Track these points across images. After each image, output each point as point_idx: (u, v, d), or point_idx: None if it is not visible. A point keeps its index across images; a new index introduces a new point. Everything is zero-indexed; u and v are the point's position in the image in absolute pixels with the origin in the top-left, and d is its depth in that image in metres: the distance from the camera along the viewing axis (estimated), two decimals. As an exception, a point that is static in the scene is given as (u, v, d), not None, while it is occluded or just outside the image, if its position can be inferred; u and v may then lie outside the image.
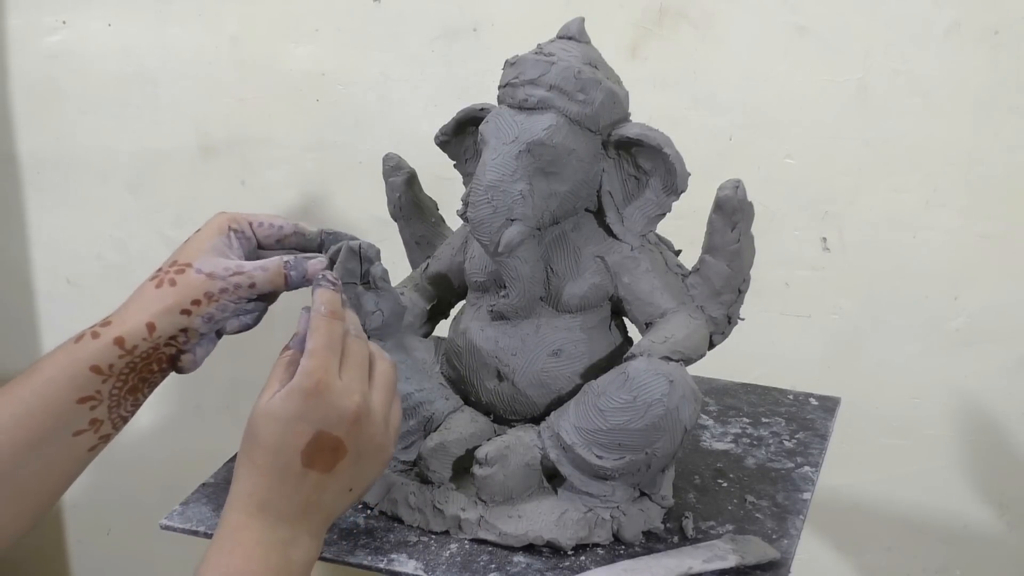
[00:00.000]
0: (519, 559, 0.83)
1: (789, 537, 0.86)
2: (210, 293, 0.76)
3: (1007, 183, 1.26)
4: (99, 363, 0.74)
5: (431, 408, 0.89)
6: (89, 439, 0.75)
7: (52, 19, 1.47)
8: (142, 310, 0.75)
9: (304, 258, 0.80)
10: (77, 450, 0.75)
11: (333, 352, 0.71)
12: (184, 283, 0.76)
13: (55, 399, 0.73)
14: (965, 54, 1.22)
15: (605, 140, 0.85)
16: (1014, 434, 1.35)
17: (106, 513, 1.72)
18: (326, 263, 0.81)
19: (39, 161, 1.55)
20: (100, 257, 1.57)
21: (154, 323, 0.75)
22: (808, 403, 1.10)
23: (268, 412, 0.69)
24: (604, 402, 0.80)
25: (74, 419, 0.74)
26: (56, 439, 0.73)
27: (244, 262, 0.78)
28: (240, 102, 1.45)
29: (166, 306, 0.75)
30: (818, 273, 1.34)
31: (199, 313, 0.76)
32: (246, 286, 0.77)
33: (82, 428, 0.74)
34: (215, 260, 0.77)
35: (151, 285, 0.76)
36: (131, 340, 0.74)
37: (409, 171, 0.97)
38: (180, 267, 0.76)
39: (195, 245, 0.78)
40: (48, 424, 0.73)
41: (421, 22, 1.36)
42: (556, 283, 0.87)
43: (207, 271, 0.76)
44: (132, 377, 0.76)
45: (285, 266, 0.79)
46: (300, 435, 0.69)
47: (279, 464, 0.69)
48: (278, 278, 0.78)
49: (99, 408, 0.75)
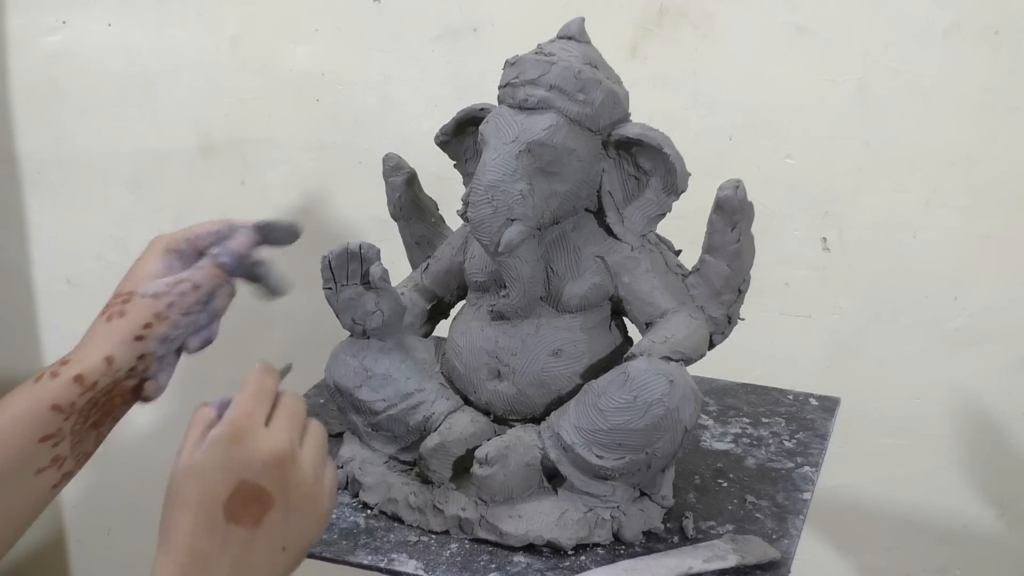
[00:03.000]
0: (519, 559, 0.83)
1: (789, 537, 0.86)
2: (159, 313, 0.76)
3: (1007, 183, 1.26)
4: (60, 401, 0.73)
5: (431, 408, 0.89)
6: (52, 476, 0.74)
7: (52, 19, 1.47)
8: (98, 345, 0.75)
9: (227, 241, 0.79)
10: (40, 488, 0.74)
11: (260, 401, 0.68)
12: (132, 311, 0.76)
13: (17, 439, 0.72)
14: (965, 54, 1.22)
15: (605, 140, 0.85)
16: (1014, 434, 1.35)
17: (106, 513, 1.72)
18: (249, 234, 0.79)
19: (39, 161, 1.54)
20: (100, 257, 1.57)
21: (112, 356, 0.75)
22: (808, 403, 1.10)
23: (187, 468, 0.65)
24: (604, 402, 0.80)
25: (36, 458, 0.73)
26: (19, 478, 0.73)
27: (182, 273, 0.78)
28: (240, 102, 1.45)
29: (120, 337, 0.75)
30: (818, 273, 1.34)
31: (153, 336, 0.76)
32: (191, 291, 0.77)
33: (44, 466, 0.74)
34: (157, 282, 0.77)
35: (102, 320, 0.76)
36: (91, 376, 0.74)
37: (409, 171, 0.97)
38: (125, 297, 0.76)
39: (136, 274, 0.78)
40: (10, 464, 0.72)
41: (421, 22, 1.36)
42: (556, 283, 0.87)
43: (151, 292, 0.76)
44: (94, 412, 0.75)
45: (214, 258, 0.78)
46: (221, 486, 0.65)
47: (202, 521, 0.65)
48: (216, 271, 0.78)
49: (61, 445, 0.74)
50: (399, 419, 0.89)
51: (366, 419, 0.90)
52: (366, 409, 0.89)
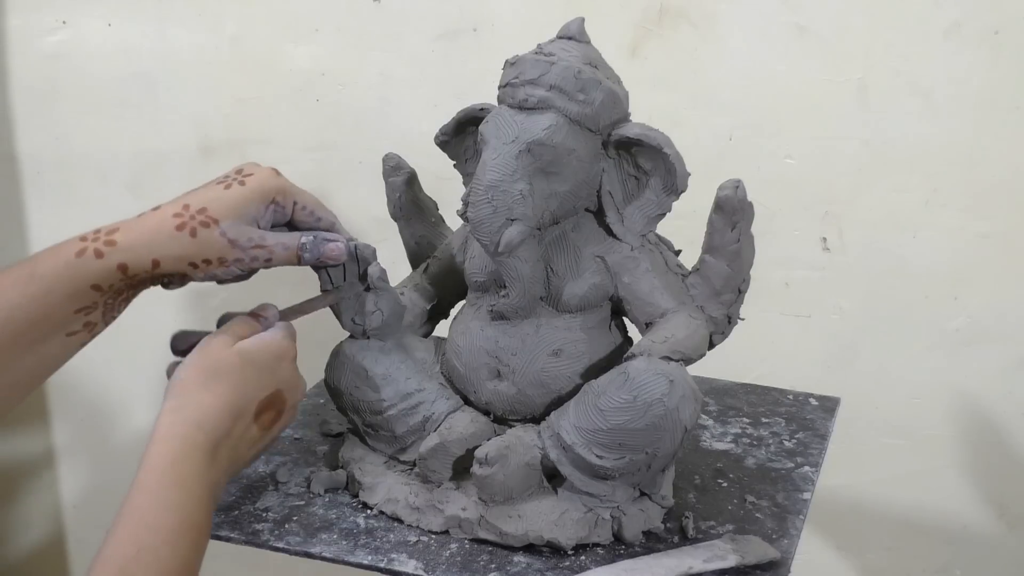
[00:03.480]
0: (519, 559, 0.83)
1: (789, 537, 0.86)
2: (223, 258, 0.76)
3: (1007, 183, 1.26)
4: (100, 283, 0.74)
5: (431, 408, 0.89)
6: (82, 337, 0.76)
7: (52, 19, 1.47)
8: (152, 244, 0.75)
9: (324, 239, 0.81)
10: (70, 346, 0.76)
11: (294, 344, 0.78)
12: (204, 239, 0.75)
13: (54, 308, 0.73)
14: (965, 54, 1.22)
15: (605, 140, 0.85)
16: (1014, 434, 1.35)
17: (106, 513, 1.72)
18: (342, 250, 0.82)
19: (39, 161, 1.54)
20: (100, 257, 1.57)
21: (160, 262, 0.75)
22: (808, 403, 1.10)
23: (246, 354, 0.73)
24: (604, 402, 0.80)
25: (70, 323, 0.75)
26: (51, 338, 0.74)
27: (267, 234, 0.78)
28: (240, 102, 1.45)
29: (178, 253, 0.75)
30: (818, 273, 1.34)
31: (205, 271, 0.77)
32: (263, 260, 0.78)
33: (76, 330, 0.75)
34: (242, 228, 0.77)
35: (170, 222, 0.75)
36: (133, 269, 0.74)
37: (409, 171, 0.97)
38: (206, 219, 0.76)
39: (232, 200, 0.77)
40: (45, 329, 0.74)
41: (421, 22, 1.36)
42: (556, 283, 0.87)
43: (231, 236, 0.76)
44: (128, 292, 0.77)
45: (300, 248, 0.80)
46: (265, 386, 0.73)
47: (239, 405, 0.71)
48: (293, 258, 0.80)
49: (94, 313, 0.75)
50: (399, 419, 0.89)
51: (366, 419, 0.90)
52: (366, 409, 0.89)
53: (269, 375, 0.74)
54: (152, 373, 1.58)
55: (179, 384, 0.71)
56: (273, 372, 0.75)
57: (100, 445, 1.69)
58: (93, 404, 1.63)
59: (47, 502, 1.74)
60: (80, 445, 1.71)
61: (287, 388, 0.76)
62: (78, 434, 1.70)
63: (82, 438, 1.70)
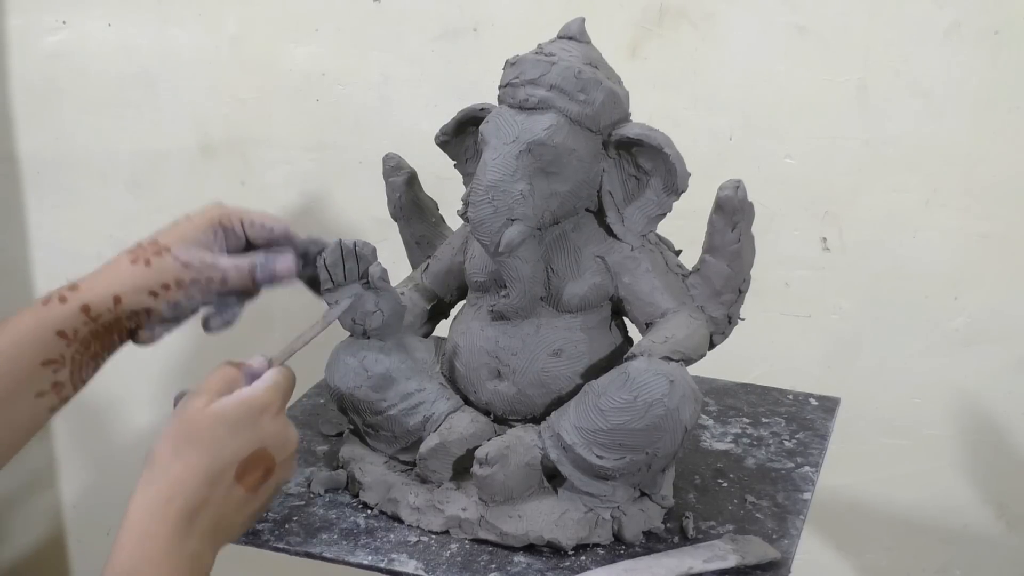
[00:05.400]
0: (519, 559, 0.83)
1: (789, 537, 0.86)
2: (180, 280, 0.77)
3: (1007, 183, 1.26)
4: (65, 328, 0.74)
5: (431, 408, 0.89)
6: (50, 400, 0.75)
7: (52, 19, 1.47)
8: (112, 282, 0.76)
9: (273, 256, 0.80)
10: (38, 410, 0.75)
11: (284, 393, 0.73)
12: (158, 265, 0.76)
13: (20, 361, 0.73)
14: (965, 54, 1.22)
15: (605, 140, 0.85)
16: (1014, 434, 1.35)
17: (106, 513, 1.72)
18: (292, 264, 0.81)
19: (39, 161, 1.55)
20: (100, 257, 1.53)
21: (121, 297, 0.75)
22: (808, 403, 1.10)
23: (218, 416, 0.68)
24: (604, 402, 0.80)
25: (37, 381, 0.74)
26: (19, 399, 0.74)
27: (221, 257, 0.79)
28: (240, 102, 1.45)
29: (136, 284, 0.76)
30: (818, 273, 1.34)
31: (166, 298, 0.77)
32: (217, 280, 0.78)
33: (44, 390, 0.75)
34: (194, 251, 0.78)
35: (127, 259, 0.77)
36: (96, 309, 0.75)
37: (409, 171, 0.97)
38: (159, 248, 0.77)
39: (181, 231, 0.79)
40: (11, 386, 0.73)
41: (421, 22, 1.36)
42: (556, 283, 0.87)
43: (183, 259, 0.77)
44: (95, 344, 0.76)
45: (252, 267, 0.79)
46: (245, 445, 0.68)
47: (214, 470, 0.67)
48: (248, 280, 0.79)
49: (62, 371, 0.75)
50: (399, 419, 0.89)
51: (366, 419, 0.90)
52: (366, 409, 0.89)
53: (248, 432, 0.69)
54: (152, 373, 1.59)
55: (152, 455, 0.68)
56: (253, 428, 0.69)
57: (100, 445, 1.69)
58: (93, 404, 1.63)
59: (47, 502, 1.74)
60: (80, 445, 1.71)
61: (272, 444, 0.70)
62: (78, 434, 1.70)
63: (82, 438, 1.70)
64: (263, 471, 0.70)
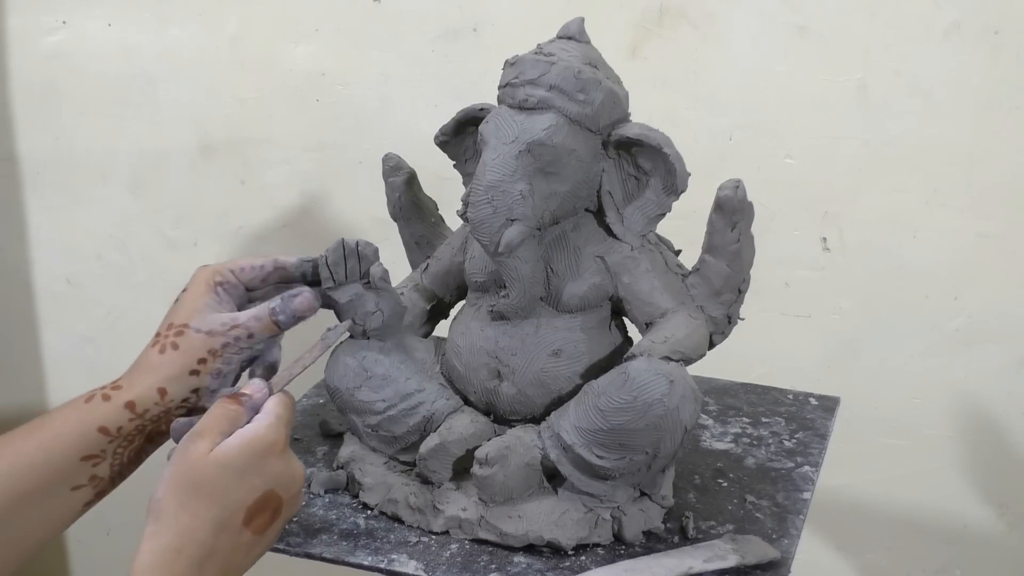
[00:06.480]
0: (519, 559, 0.83)
1: (789, 537, 0.86)
2: (213, 349, 0.78)
3: (1007, 183, 1.26)
4: (108, 424, 0.75)
5: (431, 408, 0.89)
6: (86, 494, 0.76)
7: (52, 19, 1.47)
8: (150, 376, 0.76)
9: (290, 296, 0.81)
10: (73, 503, 0.76)
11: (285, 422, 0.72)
12: (186, 345, 0.77)
13: (60, 455, 0.73)
14: (965, 54, 1.22)
15: (605, 140, 0.85)
16: (1014, 434, 1.35)
17: (106, 513, 1.72)
18: (311, 299, 0.82)
19: (39, 161, 1.54)
20: (100, 257, 1.57)
21: (166, 388, 0.76)
22: (808, 403, 1.10)
23: (223, 462, 0.67)
24: (604, 402, 0.80)
25: (75, 475, 0.74)
26: (55, 492, 0.74)
27: (238, 314, 0.80)
28: (240, 102, 1.45)
29: (174, 372, 0.77)
30: (818, 273, 1.34)
31: (207, 371, 0.78)
32: (245, 337, 0.79)
33: (81, 483, 0.75)
34: (211, 317, 0.78)
35: (154, 351, 0.77)
36: (142, 404, 0.76)
37: (409, 171, 0.97)
38: (178, 329, 0.78)
39: (188, 305, 0.79)
40: (49, 478, 0.73)
41: (421, 22, 1.36)
42: (556, 283, 0.87)
43: (206, 329, 0.78)
44: (139, 438, 0.77)
45: (272, 313, 0.80)
46: (252, 490, 0.68)
47: (222, 518, 0.67)
48: (271, 326, 0.80)
49: (101, 466, 0.76)
50: (399, 419, 0.89)
51: (366, 419, 0.90)
52: (366, 410, 0.89)
53: (255, 477, 0.68)
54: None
55: (158, 506, 0.67)
56: (259, 472, 0.68)
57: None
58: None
59: (47, 502, 1.74)
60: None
61: (279, 484, 0.70)
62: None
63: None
64: (271, 512, 0.70)
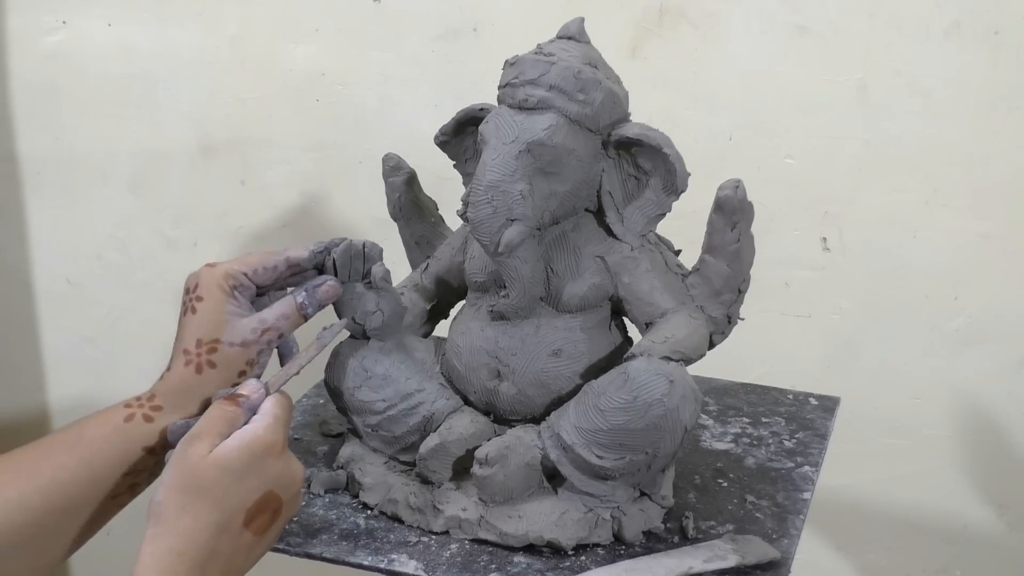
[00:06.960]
0: (519, 559, 0.83)
1: (789, 537, 0.86)
2: (251, 360, 0.78)
3: (1007, 183, 1.26)
4: (153, 445, 0.75)
5: (431, 408, 0.89)
6: (124, 500, 0.77)
7: (52, 19, 1.47)
8: (192, 398, 0.76)
9: (314, 287, 0.82)
10: (113, 508, 0.76)
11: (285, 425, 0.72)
12: (223, 362, 0.77)
13: (102, 471, 0.74)
14: (965, 54, 1.22)
15: (605, 140, 0.85)
16: (1014, 434, 1.35)
17: (106, 513, 1.72)
18: (336, 286, 0.83)
19: (39, 161, 1.54)
20: (100, 257, 1.57)
21: None
22: (808, 403, 1.10)
23: (223, 464, 0.67)
24: (604, 402, 0.80)
25: (117, 486, 0.75)
26: (96, 502, 0.74)
27: (264, 315, 0.79)
28: (240, 102, 1.45)
29: (216, 388, 0.76)
30: (818, 273, 1.34)
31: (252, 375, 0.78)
32: (276, 337, 0.80)
33: (121, 492, 0.76)
34: (240, 326, 0.78)
35: (189, 371, 0.76)
36: None
37: (409, 171, 0.97)
38: (210, 346, 0.77)
39: (211, 318, 0.78)
40: (93, 493, 0.74)
41: (421, 22, 1.36)
42: (556, 283, 0.87)
43: (239, 342, 0.77)
44: None
45: (300, 308, 0.81)
46: (252, 492, 0.68)
47: (222, 520, 0.67)
48: (300, 319, 0.81)
49: (141, 476, 0.76)
50: (399, 419, 0.89)
51: (366, 419, 0.90)
52: (366, 409, 0.89)
53: (254, 479, 0.68)
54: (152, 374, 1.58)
55: (158, 509, 0.67)
56: (259, 474, 0.68)
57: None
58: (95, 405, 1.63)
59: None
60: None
61: (279, 485, 0.70)
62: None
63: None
64: (271, 513, 0.70)
